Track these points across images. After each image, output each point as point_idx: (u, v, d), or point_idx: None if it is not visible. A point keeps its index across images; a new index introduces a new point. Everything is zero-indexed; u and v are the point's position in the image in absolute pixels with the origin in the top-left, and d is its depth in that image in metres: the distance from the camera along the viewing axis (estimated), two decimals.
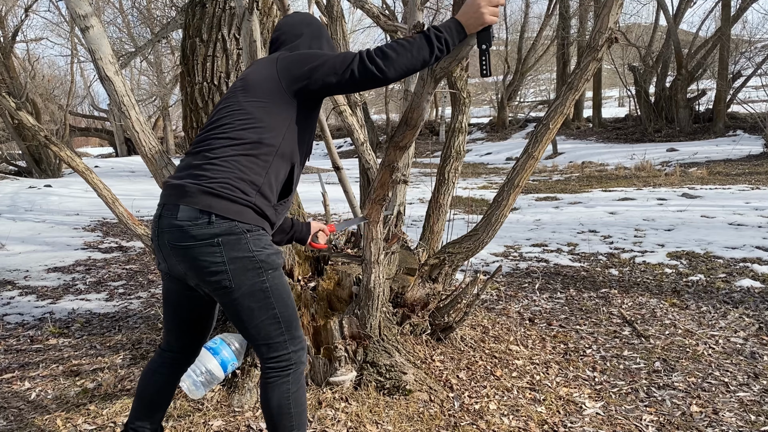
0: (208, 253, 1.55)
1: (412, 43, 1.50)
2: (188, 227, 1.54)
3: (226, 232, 1.55)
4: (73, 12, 2.24)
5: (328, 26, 3.34)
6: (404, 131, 1.90)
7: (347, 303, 2.56)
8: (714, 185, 9.02)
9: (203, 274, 1.57)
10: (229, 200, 1.55)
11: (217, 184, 1.55)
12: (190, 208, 1.55)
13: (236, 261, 1.57)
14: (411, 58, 1.50)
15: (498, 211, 2.76)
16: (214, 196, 1.55)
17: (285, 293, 1.68)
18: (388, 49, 1.51)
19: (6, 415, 2.42)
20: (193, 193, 1.56)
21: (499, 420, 2.28)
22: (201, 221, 1.54)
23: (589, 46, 2.32)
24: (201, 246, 1.55)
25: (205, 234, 1.54)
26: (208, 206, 1.54)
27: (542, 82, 28.30)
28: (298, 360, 1.71)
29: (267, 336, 1.66)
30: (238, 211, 1.57)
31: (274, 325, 1.66)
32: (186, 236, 1.55)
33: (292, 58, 1.64)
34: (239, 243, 1.57)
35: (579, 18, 20.76)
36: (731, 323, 3.31)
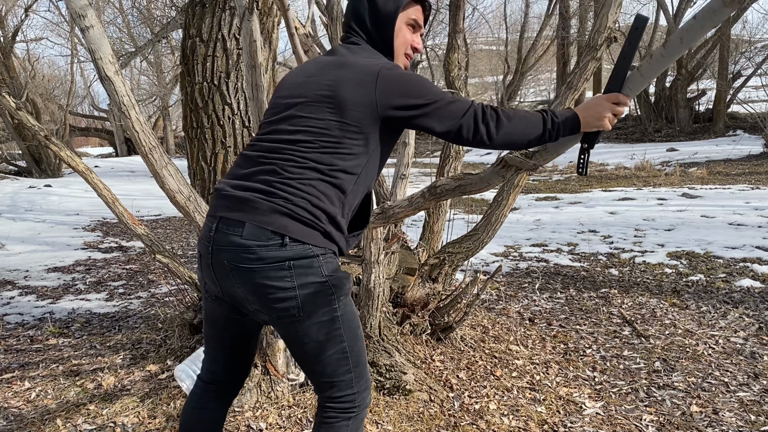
0: (277, 278, 1.38)
1: (528, 118, 1.43)
2: (256, 248, 1.37)
3: (298, 256, 1.39)
4: (73, 12, 2.24)
5: (328, 26, 3.35)
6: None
7: None
8: (714, 185, 9.02)
9: (269, 300, 1.40)
10: (305, 224, 1.40)
11: (294, 207, 1.39)
12: (259, 227, 1.38)
13: (308, 286, 1.41)
14: (521, 132, 1.43)
15: (498, 211, 2.76)
16: (290, 218, 1.39)
17: (355, 324, 1.52)
18: (503, 115, 1.42)
19: (6, 415, 2.42)
20: (264, 211, 1.38)
21: (499, 420, 2.28)
22: (273, 243, 1.37)
23: (588, 46, 2.32)
24: (270, 269, 1.38)
25: (276, 257, 1.38)
26: (283, 228, 1.38)
27: (542, 82, 28.30)
28: (362, 403, 1.53)
29: (332, 373, 1.48)
30: (311, 234, 1.41)
31: (342, 360, 1.48)
32: (253, 257, 1.38)
33: (396, 82, 1.42)
34: (312, 267, 1.41)
35: (579, 18, 20.76)
36: (731, 323, 3.31)
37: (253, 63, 2.48)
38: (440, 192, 1.81)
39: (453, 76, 3.18)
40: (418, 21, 1.59)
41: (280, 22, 3.23)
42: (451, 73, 3.19)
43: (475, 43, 24.63)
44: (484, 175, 1.65)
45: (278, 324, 1.46)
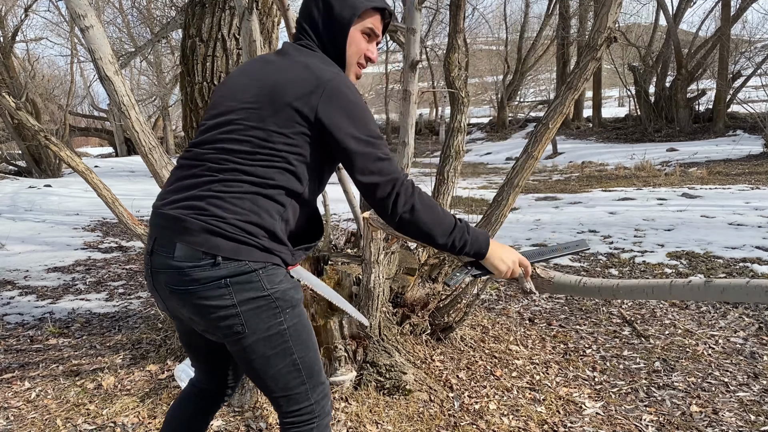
0: (215, 297, 1.32)
1: (442, 219, 1.39)
2: (189, 269, 1.31)
3: (234, 273, 1.32)
4: (72, 12, 2.24)
5: None
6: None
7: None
8: (714, 185, 9.02)
9: (211, 320, 1.35)
10: (239, 242, 1.32)
11: (226, 225, 1.31)
12: (190, 248, 1.31)
13: (249, 302, 1.34)
14: (427, 229, 1.38)
15: (498, 211, 2.76)
16: (222, 237, 1.31)
17: (305, 333, 1.45)
18: (420, 203, 1.37)
19: (6, 415, 2.42)
20: (195, 231, 1.31)
21: (499, 420, 2.28)
22: (205, 263, 1.31)
23: (588, 46, 2.32)
24: (206, 290, 1.32)
25: (211, 276, 1.31)
26: (215, 247, 1.31)
27: (542, 82, 28.32)
28: (322, 412, 1.49)
29: (285, 387, 1.43)
30: (248, 251, 1.34)
31: (294, 373, 1.43)
32: (188, 279, 1.32)
33: (344, 100, 1.33)
34: (251, 282, 1.34)
35: (579, 18, 20.77)
36: (731, 323, 3.31)
37: None
38: None
39: (453, 76, 3.18)
40: (375, 30, 1.49)
41: (280, 22, 3.23)
42: (452, 73, 3.19)
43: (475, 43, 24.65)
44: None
45: (226, 342, 1.40)
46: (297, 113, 1.31)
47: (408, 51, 2.39)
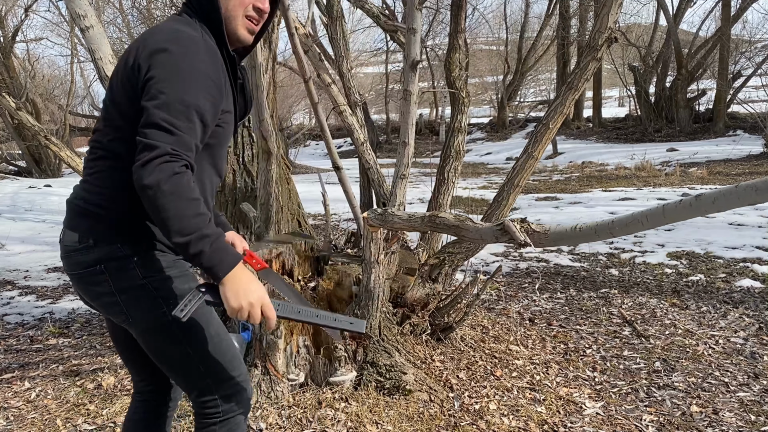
0: (95, 282, 1.32)
1: (190, 211, 1.18)
2: (72, 253, 1.32)
3: (108, 257, 1.30)
4: (73, 12, 2.24)
5: (328, 26, 3.35)
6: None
7: (347, 303, 2.56)
8: (714, 185, 9.01)
9: (101, 305, 1.36)
10: (107, 222, 1.31)
11: (93, 206, 1.32)
12: (70, 231, 1.33)
13: (126, 290, 1.31)
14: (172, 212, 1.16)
15: (498, 211, 2.76)
16: (92, 219, 1.31)
17: (198, 327, 1.35)
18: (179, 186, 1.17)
19: (6, 415, 2.42)
20: (74, 215, 1.34)
21: (499, 420, 2.28)
22: (83, 246, 1.31)
23: (588, 46, 2.32)
24: (87, 275, 1.32)
25: (87, 261, 1.30)
26: (88, 230, 1.31)
27: (542, 82, 28.30)
28: (230, 410, 1.40)
29: (185, 377, 1.38)
30: (118, 232, 1.31)
31: (190, 365, 1.36)
32: (73, 263, 1.33)
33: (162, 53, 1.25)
34: (125, 269, 1.30)
35: (579, 18, 20.76)
36: (731, 323, 3.31)
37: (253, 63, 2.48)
38: (439, 223, 1.82)
39: (453, 76, 3.18)
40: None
41: (280, 22, 3.23)
42: (452, 73, 3.19)
43: (475, 43, 24.63)
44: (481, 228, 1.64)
45: (126, 327, 1.37)
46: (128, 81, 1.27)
47: (408, 51, 2.39)
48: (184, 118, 1.22)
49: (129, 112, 1.27)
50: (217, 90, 1.30)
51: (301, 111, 25.04)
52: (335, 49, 3.35)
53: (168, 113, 1.20)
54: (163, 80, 1.22)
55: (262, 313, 1.25)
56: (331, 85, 3.01)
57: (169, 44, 1.25)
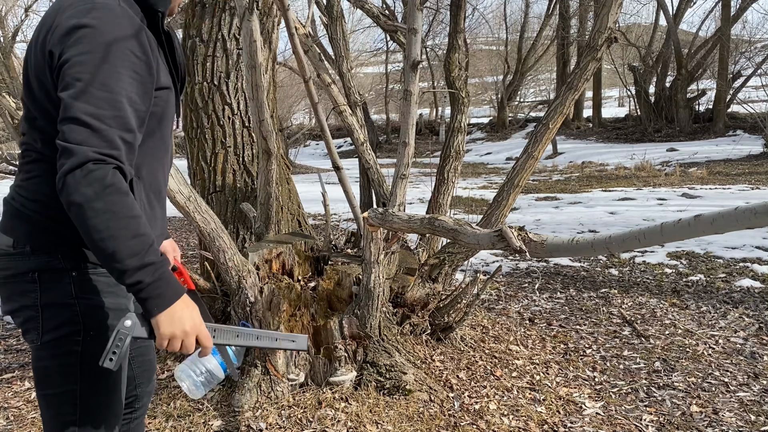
0: (22, 291, 1.16)
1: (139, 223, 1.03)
2: (3, 257, 1.17)
3: (44, 268, 1.15)
4: None
5: (328, 26, 3.35)
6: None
7: (347, 303, 2.56)
8: (714, 185, 9.02)
9: (14, 317, 1.19)
10: (45, 229, 1.16)
11: (31, 211, 1.16)
12: (4, 235, 1.17)
13: (51, 307, 1.15)
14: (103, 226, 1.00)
15: (498, 211, 2.76)
16: (30, 224, 1.16)
17: (104, 373, 1.18)
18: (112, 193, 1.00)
19: (6, 415, 2.42)
20: (10, 217, 1.18)
21: (499, 420, 2.28)
22: (17, 251, 1.15)
23: (588, 46, 2.32)
24: (15, 282, 1.16)
25: (20, 268, 1.15)
26: (25, 235, 1.16)
27: (542, 82, 28.32)
28: None
29: (53, 417, 1.20)
30: (57, 242, 1.16)
31: (67, 406, 1.18)
32: (2, 267, 1.17)
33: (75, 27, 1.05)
34: (59, 282, 1.15)
35: (579, 18, 20.77)
36: (731, 323, 3.31)
37: (253, 63, 2.48)
38: (437, 226, 1.83)
39: (453, 76, 3.18)
40: None
41: (280, 22, 3.23)
42: (452, 73, 3.19)
43: (475, 43, 24.64)
44: (478, 234, 1.64)
45: (28, 342, 1.20)
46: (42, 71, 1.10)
47: (409, 51, 2.39)
48: (108, 106, 1.02)
49: (49, 108, 1.09)
50: (146, 67, 1.09)
51: (301, 111, 25.05)
52: (335, 49, 3.35)
53: (87, 103, 1.00)
54: (78, 63, 1.01)
55: (197, 342, 1.12)
56: (331, 85, 3.01)
57: (83, 18, 1.03)
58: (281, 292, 2.45)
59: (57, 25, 1.06)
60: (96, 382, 1.19)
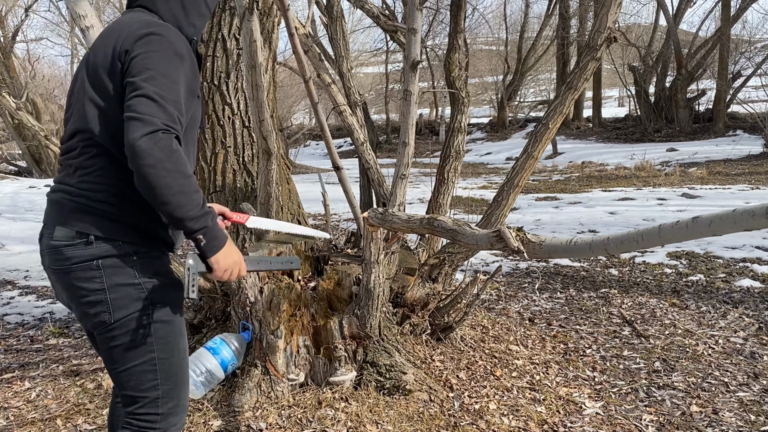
0: (86, 278, 1.31)
1: (189, 187, 1.23)
2: (64, 248, 1.31)
3: (106, 254, 1.31)
4: (73, 12, 2.24)
5: (328, 26, 3.35)
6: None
7: (347, 303, 2.56)
8: (714, 185, 9.02)
9: (81, 304, 1.33)
10: (108, 218, 1.32)
11: (93, 202, 1.32)
12: (65, 228, 1.32)
13: (118, 288, 1.31)
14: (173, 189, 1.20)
15: (498, 211, 2.76)
16: (92, 215, 1.31)
17: (173, 338, 1.40)
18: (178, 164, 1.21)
19: (6, 415, 2.42)
20: (69, 211, 1.32)
21: (499, 420, 2.28)
22: (79, 241, 1.30)
23: (588, 46, 2.32)
24: (79, 270, 1.31)
25: (83, 256, 1.30)
26: (87, 226, 1.31)
27: (542, 82, 28.31)
28: (167, 428, 1.41)
29: (136, 386, 1.37)
30: (119, 229, 1.32)
31: (149, 374, 1.37)
32: (62, 258, 1.31)
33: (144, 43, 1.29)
34: (123, 266, 1.32)
35: (579, 18, 20.76)
36: (731, 323, 3.31)
37: (253, 63, 2.48)
38: (437, 227, 1.83)
39: (453, 76, 3.18)
40: None
41: (280, 22, 3.23)
42: (452, 73, 3.19)
43: (475, 43, 24.64)
44: (477, 234, 1.64)
45: (96, 332, 1.36)
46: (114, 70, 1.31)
47: (409, 51, 2.39)
48: (170, 91, 1.24)
49: (115, 102, 1.29)
50: (193, 74, 1.36)
51: (301, 111, 25.04)
52: (335, 49, 3.35)
53: (155, 85, 1.22)
54: (148, 57, 1.25)
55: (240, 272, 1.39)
56: (331, 85, 3.01)
57: (152, 29, 1.30)
58: (281, 292, 2.45)
59: (129, 33, 1.31)
60: (166, 346, 1.38)
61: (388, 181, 2.96)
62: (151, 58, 1.26)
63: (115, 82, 1.30)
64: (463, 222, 1.79)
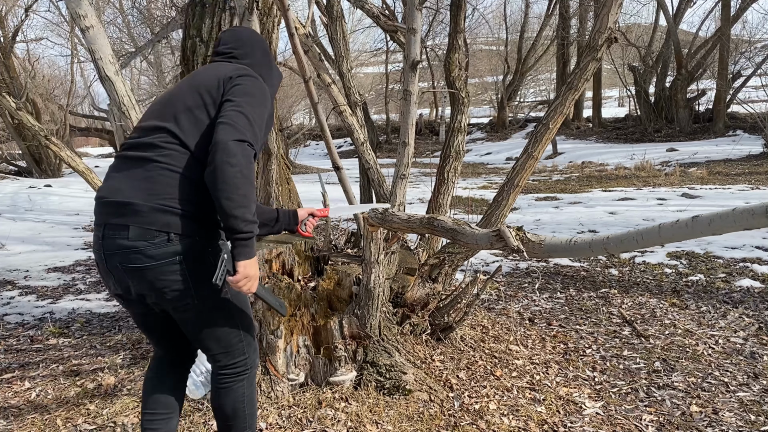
0: (169, 272, 1.48)
1: (249, 194, 1.44)
2: (144, 247, 1.46)
3: (186, 249, 1.49)
4: (73, 12, 2.24)
5: (328, 26, 3.35)
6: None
7: (347, 303, 2.56)
8: (714, 185, 9.01)
9: (164, 293, 1.51)
10: (186, 217, 1.49)
11: (171, 201, 1.48)
12: (142, 228, 1.46)
13: (199, 274, 1.52)
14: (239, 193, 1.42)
15: (498, 211, 2.76)
16: (171, 215, 1.47)
17: (244, 298, 1.67)
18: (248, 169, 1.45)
19: (6, 415, 2.42)
20: (146, 212, 1.46)
21: (499, 420, 2.28)
22: (159, 239, 1.46)
23: (588, 46, 2.32)
24: (161, 266, 1.47)
25: (165, 253, 1.47)
26: (166, 225, 1.46)
27: (542, 82, 28.29)
28: (253, 364, 1.72)
29: (227, 345, 1.64)
30: (196, 228, 1.51)
31: (234, 332, 1.64)
32: (143, 257, 1.46)
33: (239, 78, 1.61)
34: (202, 256, 1.52)
35: (579, 18, 20.76)
36: (731, 323, 3.31)
37: None
38: (436, 226, 1.83)
39: (453, 76, 3.18)
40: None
41: (280, 22, 3.23)
42: (452, 73, 3.19)
43: (475, 43, 24.61)
44: (477, 234, 1.64)
45: (176, 312, 1.57)
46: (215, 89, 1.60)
47: (408, 51, 2.39)
48: (259, 119, 1.53)
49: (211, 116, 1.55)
50: (270, 117, 1.66)
51: (301, 111, 25.03)
52: (335, 49, 3.35)
53: (250, 110, 1.51)
54: (248, 88, 1.56)
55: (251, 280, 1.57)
56: (331, 85, 3.01)
57: (249, 72, 1.65)
58: (281, 292, 2.45)
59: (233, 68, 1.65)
60: (240, 306, 1.65)
61: (388, 181, 2.96)
62: (249, 90, 1.56)
63: (213, 97, 1.56)
64: (464, 222, 1.79)
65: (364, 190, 4.45)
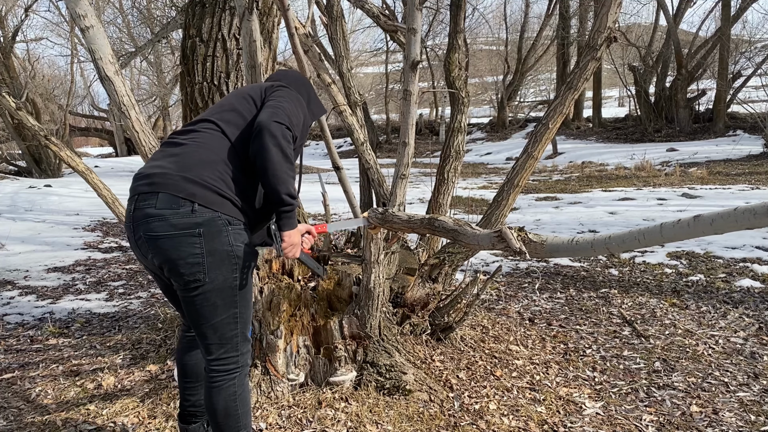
0: (187, 244, 1.52)
1: (289, 176, 1.57)
2: (168, 215, 1.51)
3: (208, 222, 1.53)
4: (73, 12, 2.24)
5: (328, 26, 3.35)
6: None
7: (347, 303, 2.56)
8: (714, 185, 9.01)
9: (178, 265, 1.54)
10: (213, 191, 1.55)
11: (206, 176, 1.57)
12: (170, 195, 1.52)
13: (214, 253, 1.55)
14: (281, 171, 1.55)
15: (498, 211, 2.76)
16: (199, 186, 1.54)
17: (249, 293, 1.70)
18: (288, 151, 1.58)
19: (6, 415, 2.42)
20: (176, 180, 1.54)
21: (499, 420, 2.28)
22: (183, 209, 1.52)
23: (588, 46, 2.32)
24: (181, 236, 1.52)
25: (187, 223, 1.52)
26: (192, 194, 1.52)
27: (542, 82, 28.30)
28: (244, 363, 1.73)
29: (222, 336, 1.65)
30: (221, 202, 1.57)
31: (232, 324, 1.66)
32: (165, 224, 1.51)
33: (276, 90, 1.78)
34: (220, 234, 1.56)
35: (579, 18, 20.76)
36: (731, 323, 3.31)
37: (253, 63, 2.48)
38: (437, 227, 1.83)
39: (453, 76, 3.18)
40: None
41: (280, 22, 3.23)
42: (452, 73, 3.19)
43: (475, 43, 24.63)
44: (478, 234, 1.64)
45: (183, 289, 1.58)
46: (258, 95, 1.78)
47: (408, 51, 2.39)
48: (296, 119, 1.67)
49: (253, 114, 1.70)
50: (305, 128, 1.80)
51: None
52: (335, 49, 3.35)
53: (289, 110, 1.65)
54: (287, 95, 1.73)
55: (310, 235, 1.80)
56: (331, 85, 3.01)
57: (290, 87, 1.84)
58: (281, 292, 2.45)
59: (275, 80, 1.92)
60: (244, 300, 1.68)
61: (388, 181, 2.96)
62: (287, 95, 1.72)
63: (255, 101, 1.72)
64: (464, 222, 1.79)
65: (364, 190, 4.44)
